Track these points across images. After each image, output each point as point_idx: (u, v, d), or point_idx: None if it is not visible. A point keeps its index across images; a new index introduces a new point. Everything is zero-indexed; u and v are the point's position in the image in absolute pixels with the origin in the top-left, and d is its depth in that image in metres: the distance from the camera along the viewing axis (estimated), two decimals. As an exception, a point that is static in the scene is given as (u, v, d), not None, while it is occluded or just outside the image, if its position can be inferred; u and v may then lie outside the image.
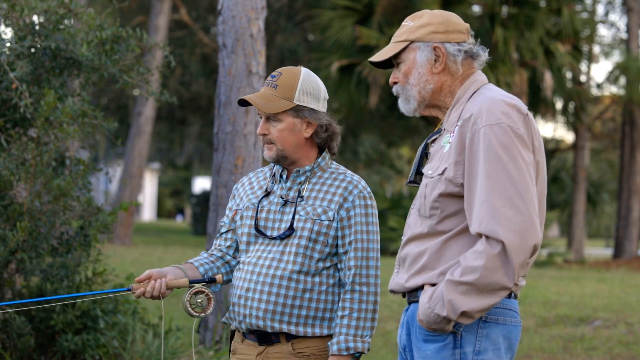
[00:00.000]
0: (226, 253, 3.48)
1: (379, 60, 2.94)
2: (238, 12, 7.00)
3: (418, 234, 2.83)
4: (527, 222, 2.64)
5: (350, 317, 3.25)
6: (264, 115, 3.33)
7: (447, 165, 2.77)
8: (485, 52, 2.94)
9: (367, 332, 3.27)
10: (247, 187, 3.47)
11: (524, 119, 2.74)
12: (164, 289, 3.25)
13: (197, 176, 44.23)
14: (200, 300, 3.25)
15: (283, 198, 3.34)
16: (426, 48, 2.87)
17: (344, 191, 3.31)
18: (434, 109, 2.93)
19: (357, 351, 3.24)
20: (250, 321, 3.28)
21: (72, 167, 6.16)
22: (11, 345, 5.92)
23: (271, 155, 3.34)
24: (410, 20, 2.93)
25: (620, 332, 9.29)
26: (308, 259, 3.27)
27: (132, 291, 3.26)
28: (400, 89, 2.93)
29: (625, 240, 21.12)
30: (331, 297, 3.31)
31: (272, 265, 3.28)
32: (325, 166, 3.39)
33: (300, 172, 3.35)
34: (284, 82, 3.32)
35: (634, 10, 21.23)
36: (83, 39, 6.15)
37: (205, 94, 24.87)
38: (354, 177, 3.36)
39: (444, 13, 2.92)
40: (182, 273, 3.34)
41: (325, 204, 3.30)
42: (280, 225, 3.31)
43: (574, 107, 21.02)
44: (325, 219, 3.28)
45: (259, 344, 3.31)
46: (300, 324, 3.28)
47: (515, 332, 2.82)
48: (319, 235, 3.27)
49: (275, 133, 3.32)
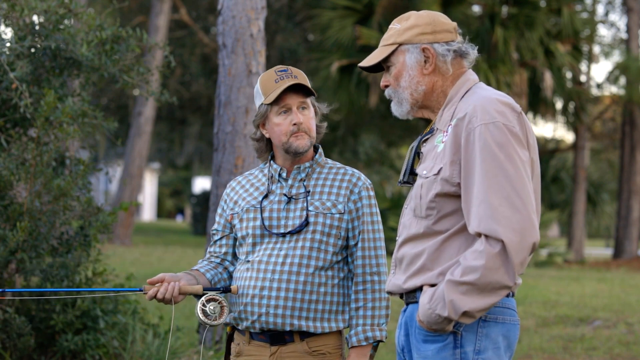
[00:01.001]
0: (224, 259, 3.46)
1: (369, 65, 2.94)
2: (238, 12, 7.00)
3: (414, 234, 2.83)
4: (526, 220, 2.64)
5: (365, 308, 3.29)
6: (295, 105, 3.32)
7: (442, 165, 2.76)
8: (475, 49, 2.94)
9: (383, 320, 3.32)
10: (240, 190, 3.45)
11: (518, 117, 2.74)
12: (177, 293, 3.21)
13: (197, 176, 44.23)
14: (213, 307, 3.22)
15: (287, 195, 3.33)
16: (415, 50, 2.87)
17: (349, 184, 3.34)
18: (427, 110, 2.93)
19: (376, 340, 3.28)
20: (267, 319, 3.26)
21: (72, 167, 6.16)
22: (11, 345, 5.92)
23: (305, 144, 3.32)
24: (397, 23, 2.93)
25: (620, 332, 9.30)
26: (323, 253, 3.28)
27: (144, 292, 3.23)
28: (392, 92, 2.93)
29: (625, 240, 21.12)
30: (343, 290, 3.33)
31: (285, 262, 3.27)
32: (322, 162, 3.41)
33: (300, 168, 3.36)
34: (299, 72, 3.37)
35: (634, 10, 21.24)
36: (83, 39, 6.15)
37: (205, 94, 24.88)
38: (354, 171, 3.39)
39: (430, 13, 2.91)
40: (194, 279, 3.31)
41: (333, 197, 3.32)
42: (287, 222, 3.30)
43: (574, 107, 21.02)
44: (335, 212, 3.30)
45: (271, 345, 3.28)
46: (318, 319, 3.28)
47: (514, 331, 2.82)
48: (331, 228, 3.29)
49: (308, 121, 3.34)
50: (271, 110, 3.33)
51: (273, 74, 3.35)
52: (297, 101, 3.32)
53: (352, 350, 3.29)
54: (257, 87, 3.38)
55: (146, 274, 12.92)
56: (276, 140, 3.35)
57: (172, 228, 35.40)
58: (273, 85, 3.32)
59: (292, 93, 3.32)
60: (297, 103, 3.32)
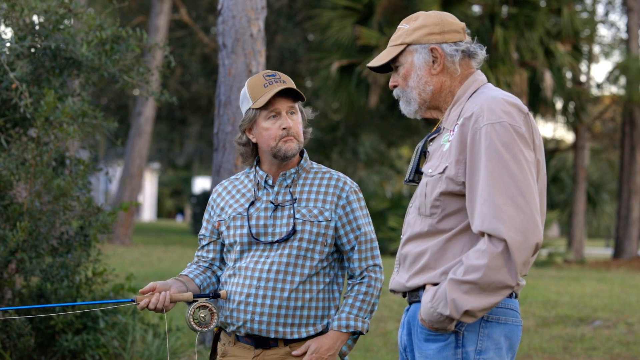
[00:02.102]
0: (212, 264, 3.47)
1: (378, 65, 2.95)
2: (238, 12, 7.00)
3: (418, 232, 2.83)
4: (529, 220, 2.64)
5: (355, 299, 3.32)
6: (284, 110, 3.32)
7: (447, 164, 2.77)
8: (483, 49, 2.94)
9: (368, 315, 3.34)
10: (226, 197, 3.44)
11: (524, 118, 2.75)
12: (168, 302, 3.25)
13: (197, 176, 44.23)
14: (203, 315, 3.24)
15: (273, 203, 3.32)
16: (423, 50, 2.88)
17: (335, 189, 3.34)
18: (435, 110, 2.94)
19: (357, 330, 3.30)
20: (252, 326, 3.28)
21: (72, 167, 6.16)
22: (11, 345, 5.92)
23: (294, 148, 3.32)
24: (406, 23, 2.94)
25: (620, 332, 9.29)
26: (309, 260, 3.29)
27: (136, 302, 3.26)
28: (401, 92, 2.94)
29: (625, 240, 21.11)
30: (328, 295, 3.35)
31: (272, 270, 3.28)
32: (307, 167, 3.40)
33: (286, 175, 3.35)
34: (287, 78, 3.37)
35: (634, 10, 21.23)
36: (83, 39, 6.15)
37: (205, 94, 24.87)
38: (339, 174, 3.39)
39: (438, 14, 2.92)
40: (184, 286, 3.34)
41: (320, 204, 3.32)
42: (275, 230, 3.31)
43: (574, 107, 21.01)
44: (322, 220, 3.30)
45: (255, 348, 3.32)
46: (303, 325, 3.30)
47: (516, 332, 2.82)
48: (318, 236, 3.30)
49: (297, 126, 3.34)
50: (260, 114, 3.32)
51: (262, 78, 3.34)
52: (286, 106, 3.32)
53: (330, 332, 3.31)
54: (244, 92, 3.36)
55: (146, 273, 12.92)
56: (264, 145, 3.33)
57: (172, 228, 35.40)
58: (262, 90, 3.31)
59: (281, 97, 3.32)
60: (287, 108, 3.32)
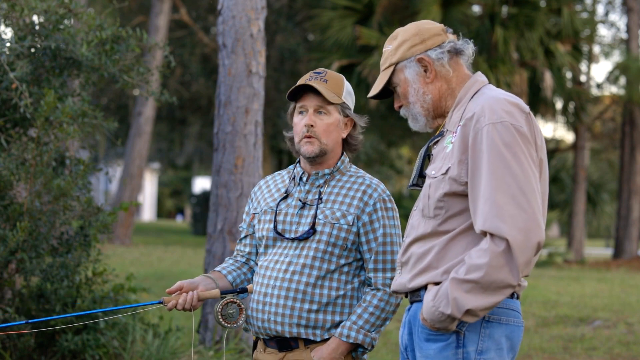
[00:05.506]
0: (249, 258, 3.46)
1: (377, 93, 2.98)
2: (238, 12, 7.00)
3: (422, 234, 2.83)
4: (531, 219, 2.64)
5: (365, 309, 3.25)
6: (312, 107, 3.29)
7: (450, 165, 2.78)
8: (470, 43, 2.96)
9: (374, 329, 3.26)
10: (264, 190, 3.44)
11: (526, 118, 2.75)
12: (196, 301, 3.23)
13: (197, 176, 44.23)
14: (231, 311, 3.24)
15: (301, 201, 3.31)
16: (411, 64, 2.92)
17: (363, 195, 3.29)
18: (442, 118, 2.96)
19: (357, 342, 3.22)
20: (269, 326, 3.27)
21: (72, 167, 6.16)
22: (11, 345, 5.92)
23: (313, 150, 3.28)
24: (389, 44, 2.98)
25: (620, 332, 9.30)
26: (327, 263, 3.25)
27: (164, 304, 3.24)
28: (406, 111, 2.97)
29: (625, 240, 21.11)
30: (349, 302, 3.29)
31: (288, 270, 3.25)
32: (344, 169, 3.36)
33: (319, 174, 3.32)
34: (332, 78, 3.31)
35: (634, 10, 21.23)
36: (83, 39, 6.15)
37: (205, 94, 24.86)
38: (373, 181, 3.34)
39: (414, 25, 2.96)
40: (213, 283, 3.33)
41: (345, 207, 3.27)
42: (298, 227, 3.28)
43: (574, 107, 21.01)
44: (344, 223, 3.26)
45: (278, 351, 3.29)
46: (319, 328, 3.26)
47: (517, 333, 2.82)
48: (337, 239, 3.25)
49: (323, 126, 3.28)
50: (295, 108, 3.33)
51: (309, 73, 3.33)
52: (314, 104, 3.28)
53: (332, 338, 3.24)
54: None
55: (146, 273, 12.92)
56: (295, 140, 3.34)
57: (172, 228, 35.40)
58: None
59: (311, 95, 3.29)
60: (315, 106, 3.28)
